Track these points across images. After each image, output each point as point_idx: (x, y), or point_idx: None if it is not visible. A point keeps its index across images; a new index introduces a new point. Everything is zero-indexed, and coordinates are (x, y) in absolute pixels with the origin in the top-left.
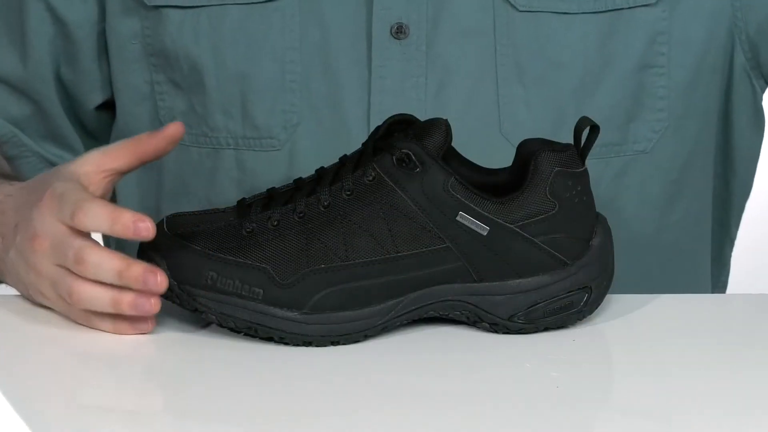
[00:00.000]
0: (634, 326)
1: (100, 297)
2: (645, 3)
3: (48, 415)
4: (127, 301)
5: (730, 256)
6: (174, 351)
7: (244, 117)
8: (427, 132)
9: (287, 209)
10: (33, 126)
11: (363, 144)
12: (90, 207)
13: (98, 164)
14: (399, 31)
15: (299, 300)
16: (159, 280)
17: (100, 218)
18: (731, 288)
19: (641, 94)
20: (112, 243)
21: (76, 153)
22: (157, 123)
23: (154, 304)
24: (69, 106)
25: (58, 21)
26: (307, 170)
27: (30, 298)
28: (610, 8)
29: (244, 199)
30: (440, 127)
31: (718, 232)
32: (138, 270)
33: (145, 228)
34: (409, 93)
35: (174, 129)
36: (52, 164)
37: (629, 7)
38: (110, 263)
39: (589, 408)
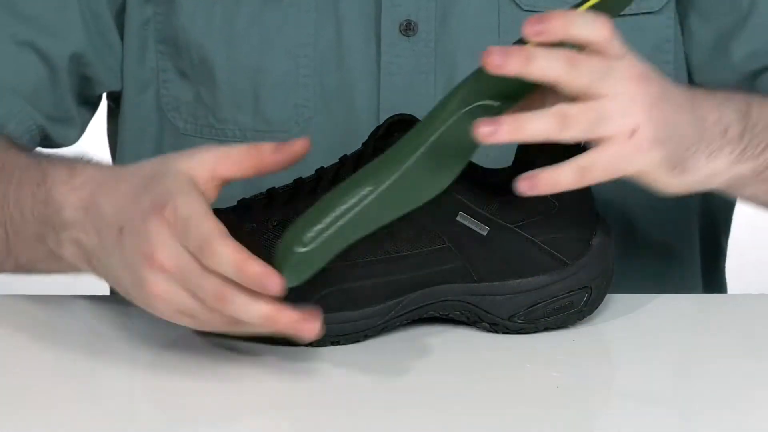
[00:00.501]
0: (634, 326)
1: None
2: (648, 10)
3: (46, 415)
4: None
5: (724, 270)
6: (173, 351)
7: (255, 111)
8: None
9: (287, 209)
10: (40, 99)
11: (363, 144)
12: (219, 249)
13: (214, 170)
14: (408, 28)
15: (299, 300)
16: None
17: (227, 263)
18: (731, 286)
19: None
20: None
21: (73, 132)
22: (159, 111)
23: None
24: (82, 84)
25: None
26: (316, 166)
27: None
28: None
29: (243, 198)
30: None
31: (710, 246)
32: (291, 316)
33: (274, 284)
34: (418, 89)
35: (301, 145)
36: (48, 142)
37: (632, 14)
38: (258, 308)
39: (590, 408)
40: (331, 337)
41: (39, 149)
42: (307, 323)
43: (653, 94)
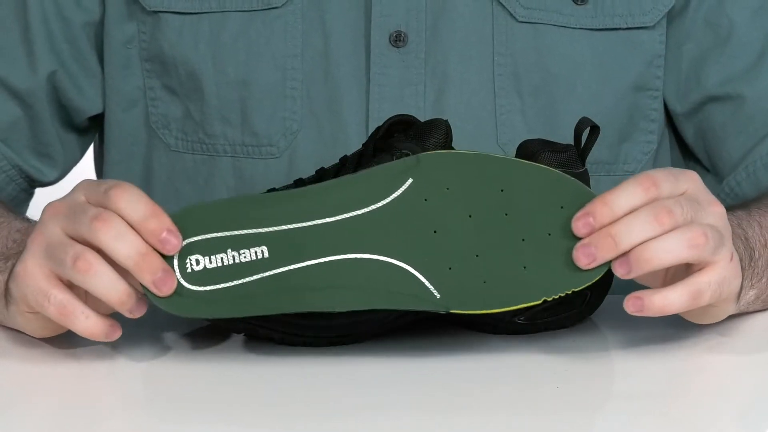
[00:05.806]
0: (634, 326)
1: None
2: (642, 25)
3: (45, 414)
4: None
5: None
6: (174, 351)
7: (243, 124)
8: (428, 132)
9: None
10: (17, 133)
11: (363, 144)
12: (131, 189)
13: None
14: (398, 39)
15: None
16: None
17: (139, 203)
18: None
19: (635, 115)
20: None
21: (55, 166)
22: (148, 129)
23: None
24: (61, 113)
25: (65, 21)
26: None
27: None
28: (608, 27)
29: None
30: (440, 127)
31: None
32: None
33: (172, 244)
34: (407, 100)
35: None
36: (30, 179)
37: (626, 28)
38: (134, 239)
39: (590, 408)
40: (330, 338)
41: None
42: (170, 276)
43: (726, 219)
